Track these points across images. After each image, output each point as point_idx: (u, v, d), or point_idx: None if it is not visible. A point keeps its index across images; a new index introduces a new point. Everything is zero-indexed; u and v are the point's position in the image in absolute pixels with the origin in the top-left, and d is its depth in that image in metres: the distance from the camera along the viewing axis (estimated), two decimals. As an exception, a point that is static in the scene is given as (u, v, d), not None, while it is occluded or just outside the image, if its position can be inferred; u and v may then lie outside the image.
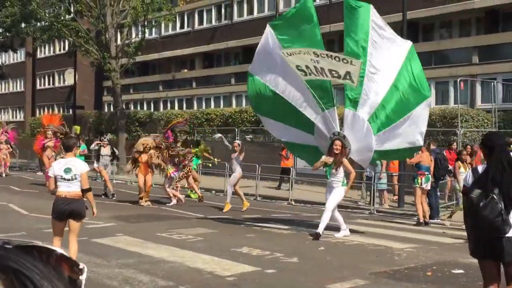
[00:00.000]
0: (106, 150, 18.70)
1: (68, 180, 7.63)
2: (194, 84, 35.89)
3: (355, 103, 11.44)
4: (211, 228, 12.21)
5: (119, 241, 10.31)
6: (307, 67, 11.02)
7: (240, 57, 33.85)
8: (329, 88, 11.70)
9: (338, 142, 11.03)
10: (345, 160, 11.20)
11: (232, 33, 33.17)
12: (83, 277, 0.64)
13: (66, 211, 7.58)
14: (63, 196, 7.63)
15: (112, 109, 36.67)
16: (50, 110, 44.37)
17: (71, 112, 35.96)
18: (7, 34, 38.81)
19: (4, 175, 25.35)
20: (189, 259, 9.08)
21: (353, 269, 8.57)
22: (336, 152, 10.99)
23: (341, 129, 11.70)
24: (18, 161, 29.92)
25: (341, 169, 11.20)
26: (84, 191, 7.75)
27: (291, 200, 17.70)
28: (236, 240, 10.81)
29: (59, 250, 0.63)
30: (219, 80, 34.35)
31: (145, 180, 16.19)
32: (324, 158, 11.16)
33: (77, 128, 26.27)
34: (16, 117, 50.61)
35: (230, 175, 16.14)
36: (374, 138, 11.45)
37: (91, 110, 39.72)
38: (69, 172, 7.63)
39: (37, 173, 26.35)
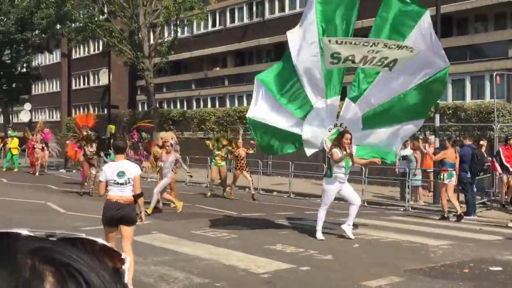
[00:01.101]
0: None
1: (122, 184, 7.27)
2: (226, 82, 36.02)
3: (357, 97, 11.37)
4: (245, 226, 12.26)
5: (154, 239, 10.43)
6: (348, 57, 10.40)
7: (272, 54, 33.82)
8: (341, 77, 11.44)
9: (348, 136, 10.69)
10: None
11: (263, 30, 33.18)
12: (125, 267, 0.65)
13: (117, 217, 7.19)
14: (114, 200, 7.24)
15: (145, 108, 37.07)
16: (85, 110, 45.04)
17: (105, 112, 36.46)
18: (43, 36, 39.62)
19: (37, 173, 25.77)
20: (224, 257, 9.14)
21: (388, 266, 8.52)
22: (347, 146, 10.76)
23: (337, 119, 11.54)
24: (54, 160, 30.42)
25: None
26: (136, 196, 7.34)
27: (324, 197, 17.62)
28: (270, 238, 10.84)
29: (101, 241, 0.65)
30: (251, 77, 34.08)
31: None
32: (337, 151, 10.79)
33: (112, 128, 26.68)
34: (52, 117, 51.51)
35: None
36: (360, 132, 11.37)
37: (125, 109, 40.20)
38: (123, 176, 7.26)
39: (73, 171, 26.79)
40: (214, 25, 37.28)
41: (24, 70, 43.54)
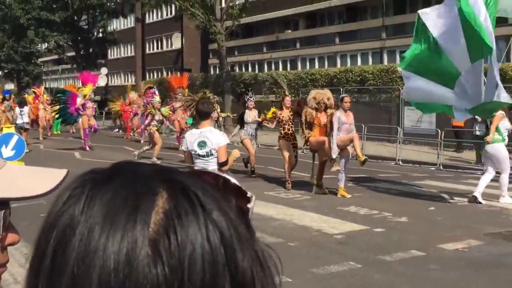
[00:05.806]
0: (252, 115, 13.94)
1: (203, 156, 6.31)
2: (298, 45, 35.69)
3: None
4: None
5: (228, 199, 10.53)
6: None
7: (344, 16, 33.18)
8: (486, 39, 10.77)
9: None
10: None
11: (336, -9, 32.52)
12: (250, 205, 0.65)
13: None
14: None
15: (217, 71, 37.30)
16: (159, 74, 45.80)
17: (179, 75, 36.92)
18: (118, 1, 40.41)
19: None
20: (297, 217, 9.17)
21: (466, 230, 8.31)
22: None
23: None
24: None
25: None
26: (220, 165, 6.29)
27: (398, 160, 17.33)
28: (343, 199, 10.79)
29: (234, 180, 0.64)
30: (323, 40, 33.93)
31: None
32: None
33: (185, 92, 26.99)
34: (127, 81, 52.68)
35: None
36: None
37: (197, 73, 40.59)
38: (204, 146, 6.31)
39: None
40: (285, -14, 36.83)
41: (100, 35, 44.63)
